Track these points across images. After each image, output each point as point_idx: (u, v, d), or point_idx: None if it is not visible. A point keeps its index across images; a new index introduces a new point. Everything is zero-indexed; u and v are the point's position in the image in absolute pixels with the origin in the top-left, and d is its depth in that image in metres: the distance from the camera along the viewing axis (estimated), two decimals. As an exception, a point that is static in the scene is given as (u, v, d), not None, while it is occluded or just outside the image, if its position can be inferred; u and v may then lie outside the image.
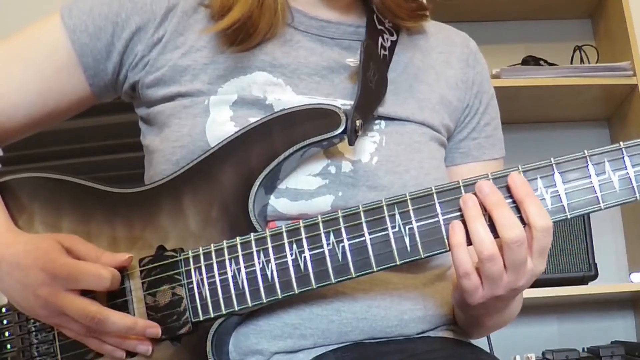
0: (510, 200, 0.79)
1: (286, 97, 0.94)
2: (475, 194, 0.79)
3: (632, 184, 0.78)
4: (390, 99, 0.98)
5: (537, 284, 2.06)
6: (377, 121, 0.96)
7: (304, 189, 0.91)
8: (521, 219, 0.78)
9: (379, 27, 1.02)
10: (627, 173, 0.78)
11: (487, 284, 0.79)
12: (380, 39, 1.01)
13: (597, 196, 0.78)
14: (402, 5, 1.02)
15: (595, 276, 2.09)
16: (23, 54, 0.98)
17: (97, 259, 0.85)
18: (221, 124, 0.92)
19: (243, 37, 0.95)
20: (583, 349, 2.09)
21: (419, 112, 0.99)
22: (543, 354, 2.12)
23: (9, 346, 0.91)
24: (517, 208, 0.78)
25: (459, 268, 0.79)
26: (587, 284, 2.09)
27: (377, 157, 0.93)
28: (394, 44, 1.03)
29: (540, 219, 0.77)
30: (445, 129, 1.03)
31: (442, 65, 1.06)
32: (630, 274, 2.15)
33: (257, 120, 0.90)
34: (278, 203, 0.90)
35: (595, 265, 2.08)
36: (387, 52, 1.01)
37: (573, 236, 2.10)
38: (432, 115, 1.01)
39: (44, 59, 0.97)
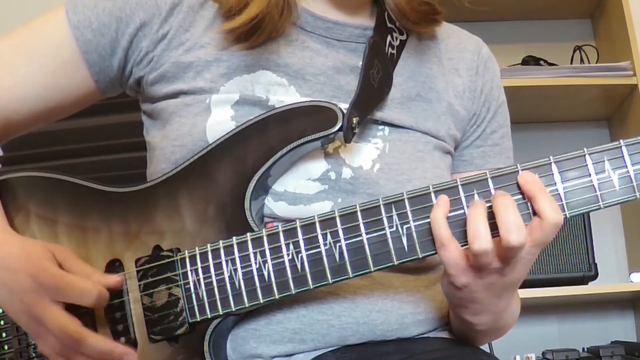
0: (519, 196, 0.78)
1: (289, 99, 0.93)
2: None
3: (632, 182, 0.77)
4: (396, 105, 0.97)
5: (537, 284, 2.07)
6: (380, 127, 0.96)
7: (303, 194, 0.90)
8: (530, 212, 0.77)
9: (389, 25, 1.00)
10: (627, 171, 0.77)
11: (471, 268, 0.78)
12: (388, 37, 0.99)
13: (596, 195, 0.77)
14: (415, 8, 0.98)
15: (595, 276, 2.09)
16: (28, 47, 0.97)
17: (87, 276, 0.84)
18: (222, 123, 0.91)
19: (252, 34, 0.93)
20: (583, 349, 2.08)
21: (424, 120, 0.98)
22: (543, 354, 2.12)
23: (6, 347, 0.91)
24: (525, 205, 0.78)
25: (436, 241, 0.78)
26: (587, 284, 2.09)
27: (379, 164, 0.93)
28: (403, 43, 1.01)
29: (553, 212, 0.76)
30: (452, 139, 1.02)
31: (451, 73, 1.04)
32: (630, 274, 2.15)
33: (254, 118, 0.89)
34: (276, 206, 0.90)
35: (595, 265, 2.08)
36: (394, 51, 1.00)
37: (573, 236, 2.09)
38: (438, 124, 0.99)
39: (49, 54, 0.97)
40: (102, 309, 0.87)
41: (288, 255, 0.82)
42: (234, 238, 0.84)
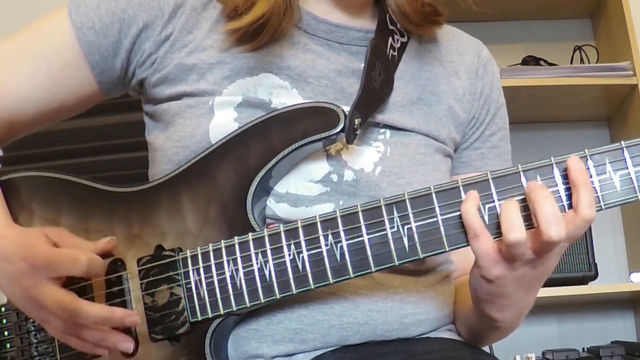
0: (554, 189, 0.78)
1: (292, 101, 0.93)
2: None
3: (633, 183, 0.77)
4: (397, 108, 0.97)
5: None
6: (382, 130, 0.96)
7: (305, 195, 0.90)
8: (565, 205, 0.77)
9: (391, 27, 1.00)
10: (629, 172, 0.77)
11: (504, 259, 0.78)
12: (390, 39, 0.99)
13: (597, 196, 0.77)
14: (417, 10, 0.98)
15: (595, 276, 2.09)
16: (31, 49, 0.97)
17: (80, 248, 0.85)
18: (225, 125, 0.91)
19: (256, 35, 0.93)
20: (583, 349, 2.09)
21: (425, 123, 0.98)
22: (543, 354, 2.12)
23: (8, 345, 0.92)
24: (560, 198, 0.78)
25: (468, 232, 0.78)
26: (587, 284, 2.09)
27: (381, 167, 0.93)
28: (404, 45, 1.01)
29: (589, 209, 0.75)
30: (452, 141, 1.02)
31: (451, 75, 1.04)
32: (630, 274, 2.15)
33: (256, 119, 0.89)
34: (278, 208, 0.90)
35: (595, 265, 2.08)
36: (396, 53, 1.00)
37: (573, 236, 2.09)
38: (439, 127, 0.99)
39: (52, 55, 0.97)
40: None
41: (289, 255, 0.82)
42: (236, 238, 0.84)
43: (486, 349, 1.03)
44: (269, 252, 0.83)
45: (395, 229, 0.80)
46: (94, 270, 0.84)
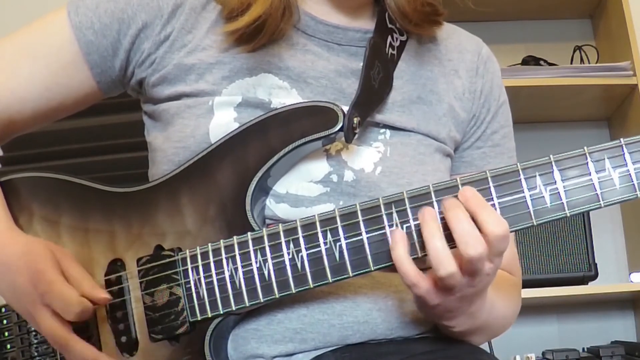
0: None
1: (291, 101, 0.92)
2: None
3: (632, 181, 0.77)
4: (397, 108, 0.97)
5: (537, 284, 2.06)
6: (382, 130, 0.96)
7: (305, 196, 0.90)
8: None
9: (390, 25, 1.00)
10: (628, 170, 0.77)
11: (442, 290, 0.79)
12: (389, 38, 0.99)
13: (597, 194, 0.77)
14: (417, 9, 0.97)
15: (595, 276, 2.09)
16: (31, 49, 0.98)
17: (79, 285, 0.85)
18: (225, 125, 0.91)
19: (254, 36, 0.93)
20: (583, 349, 2.08)
21: (425, 123, 0.98)
22: (543, 354, 2.12)
23: (8, 346, 0.92)
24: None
25: (404, 280, 0.78)
26: (587, 284, 2.09)
27: (381, 167, 0.93)
28: (403, 44, 1.01)
29: (496, 227, 0.75)
30: (452, 141, 1.01)
31: (451, 74, 1.03)
32: (630, 274, 2.15)
33: (255, 119, 0.89)
34: (278, 208, 0.90)
35: (595, 265, 2.08)
36: (395, 52, 0.99)
37: (573, 236, 2.09)
38: (439, 127, 0.99)
39: (51, 55, 0.97)
40: (103, 308, 0.88)
41: (288, 254, 0.82)
42: (235, 237, 0.84)
43: (486, 348, 1.03)
44: (268, 251, 0.83)
45: (394, 227, 0.80)
46: (81, 318, 0.84)
